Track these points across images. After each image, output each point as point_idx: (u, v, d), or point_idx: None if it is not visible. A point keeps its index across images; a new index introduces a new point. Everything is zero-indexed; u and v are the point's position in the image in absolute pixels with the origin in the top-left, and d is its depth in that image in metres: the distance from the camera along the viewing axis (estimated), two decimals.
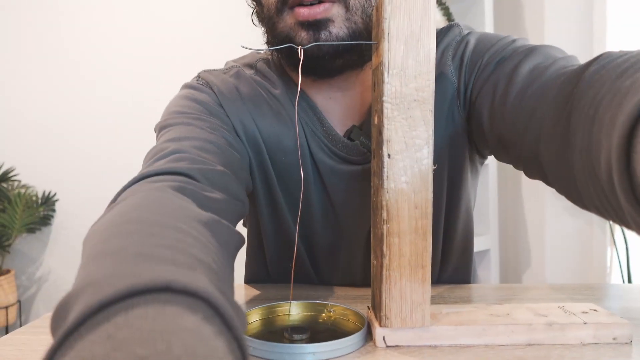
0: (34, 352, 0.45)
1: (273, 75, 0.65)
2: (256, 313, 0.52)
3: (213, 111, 0.60)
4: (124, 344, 0.18)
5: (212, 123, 0.58)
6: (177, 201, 0.38)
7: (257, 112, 0.63)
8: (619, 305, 0.58)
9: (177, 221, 0.33)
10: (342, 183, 0.64)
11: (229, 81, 0.64)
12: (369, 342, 0.46)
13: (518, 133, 0.51)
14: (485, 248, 1.87)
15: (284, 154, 0.63)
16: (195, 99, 0.61)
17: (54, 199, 2.31)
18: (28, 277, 2.38)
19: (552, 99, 0.46)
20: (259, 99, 0.63)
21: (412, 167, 0.43)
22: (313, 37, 0.53)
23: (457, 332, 0.45)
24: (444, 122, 0.62)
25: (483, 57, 0.59)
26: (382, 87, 0.43)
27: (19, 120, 2.32)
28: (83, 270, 0.27)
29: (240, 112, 0.62)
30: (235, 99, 0.62)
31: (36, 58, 2.29)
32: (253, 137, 0.63)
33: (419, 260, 0.44)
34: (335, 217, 0.66)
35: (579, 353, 0.43)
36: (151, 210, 0.34)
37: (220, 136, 0.57)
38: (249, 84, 0.64)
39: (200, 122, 0.57)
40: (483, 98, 0.57)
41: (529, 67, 0.52)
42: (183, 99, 0.62)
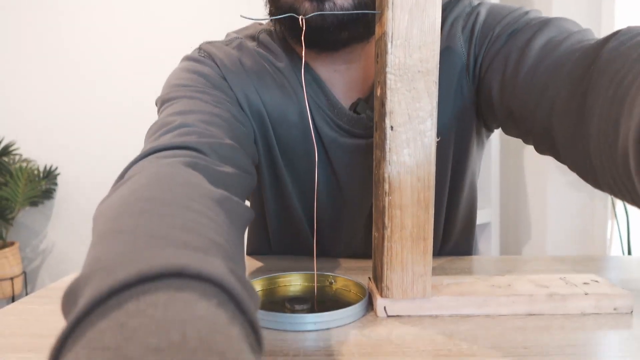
0: (37, 321, 0.45)
1: (276, 47, 0.63)
2: (258, 284, 0.52)
3: (216, 84, 0.59)
4: (136, 333, 0.18)
5: (216, 96, 0.57)
6: (189, 178, 0.37)
7: (260, 85, 0.61)
8: (619, 277, 0.58)
9: (190, 200, 0.32)
10: (347, 157, 0.63)
11: (232, 53, 0.62)
12: (370, 312, 0.46)
13: (529, 108, 0.50)
14: (486, 221, 1.88)
15: (288, 128, 0.62)
16: (197, 72, 0.59)
17: (56, 173, 2.31)
18: (32, 249, 2.40)
19: (567, 75, 0.45)
20: (263, 71, 0.62)
21: (415, 140, 0.43)
22: (317, 8, 0.51)
23: (458, 302, 0.45)
24: (453, 95, 0.61)
25: (494, 29, 0.57)
26: (386, 58, 0.42)
27: (18, 94, 2.31)
28: (94, 250, 0.26)
29: (244, 84, 0.61)
30: (239, 72, 0.61)
31: (37, 31, 2.26)
32: (257, 110, 0.62)
33: (421, 232, 0.44)
34: (339, 191, 0.66)
35: (580, 323, 0.43)
36: (163, 188, 0.33)
37: (225, 109, 0.56)
38: (251, 56, 0.62)
39: (204, 95, 0.56)
40: (494, 71, 0.56)
41: (542, 40, 0.51)
42: (185, 71, 0.60)
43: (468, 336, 0.40)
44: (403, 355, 0.37)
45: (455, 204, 0.68)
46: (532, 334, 0.41)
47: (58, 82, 2.28)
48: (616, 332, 0.41)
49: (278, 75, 0.62)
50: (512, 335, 0.41)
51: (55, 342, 0.19)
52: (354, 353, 0.37)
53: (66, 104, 2.29)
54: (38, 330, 0.43)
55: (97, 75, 2.26)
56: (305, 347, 0.39)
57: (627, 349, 0.38)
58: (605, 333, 0.41)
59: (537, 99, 0.49)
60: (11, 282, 2.15)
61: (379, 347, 0.38)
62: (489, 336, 0.40)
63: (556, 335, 0.40)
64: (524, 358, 0.36)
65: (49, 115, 2.30)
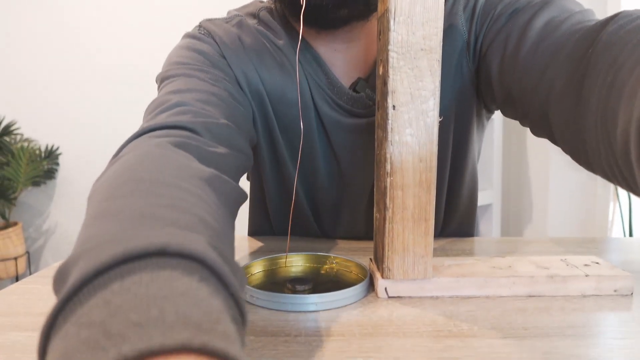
0: (41, 300, 0.46)
1: (276, 25, 0.62)
2: (259, 264, 0.52)
3: (215, 62, 0.58)
4: (119, 310, 0.19)
5: (214, 75, 0.56)
6: (178, 158, 0.37)
7: (260, 63, 0.61)
8: (620, 258, 0.58)
9: (178, 179, 0.32)
10: (347, 136, 0.63)
11: (232, 31, 0.62)
12: (371, 293, 0.46)
13: (527, 89, 0.49)
14: (487, 202, 1.88)
15: (288, 107, 0.62)
16: (196, 49, 0.59)
17: (57, 153, 2.31)
18: (35, 229, 2.41)
19: (566, 57, 0.44)
20: (262, 49, 0.61)
21: (418, 120, 0.42)
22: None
23: (458, 283, 0.45)
24: (453, 74, 0.60)
25: (496, 8, 0.56)
26: (388, 36, 0.41)
27: (18, 74, 2.29)
28: (84, 232, 0.27)
29: (243, 63, 0.60)
30: (238, 50, 0.60)
31: (36, 10, 2.23)
32: (256, 89, 0.61)
33: (422, 213, 0.44)
34: (339, 172, 0.66)
35: (580, 304, 0.43)
36: (152, 168, 0.33)
37: (223, 88, 0.55)
38: (251, 34, 0.62)
39: (203, 73, 0.55)
40: (494, 51, 0.55)
41: (543, 20, 0.50)
42: (184, 49, 0.60)
43: (468, 317, 0.40)
44: (404, 335, 0.37)
45: (456, 185, 0.68)
46: (532, 315, 0.41)
47: (58, 61, 2.26)
48: (616, 313, 0.41)
49: (278, 53, 0.61)
50: (512, 316, 0.41)
51: (47, 320, 0.20)
52: (355, 334, 0.38)
53: (67, 83, 2.27)
54: (41, 309, 0.44)
55: (98, 55, 2.24)
56: (307, 328, 0.39)
57: (627, 330, 0.38)
58: (605, 314, 0.41)
59: (536, 80, 0.48)
60: (15, 262, 2.17)
61: (379, 327, 0.39)
62: (489, 317, 0.40)
63: (556, 316, 0.41)
64: (524, 339, 0.36)
65: (49, 94, 2.29)
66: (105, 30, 2.23)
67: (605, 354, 0.34)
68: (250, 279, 0.50)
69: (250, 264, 0.51)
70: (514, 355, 0.34)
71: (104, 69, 2.25)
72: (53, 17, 2.23)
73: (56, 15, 2.23)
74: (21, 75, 2.29)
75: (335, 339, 0.37)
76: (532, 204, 1.95)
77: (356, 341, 0.36)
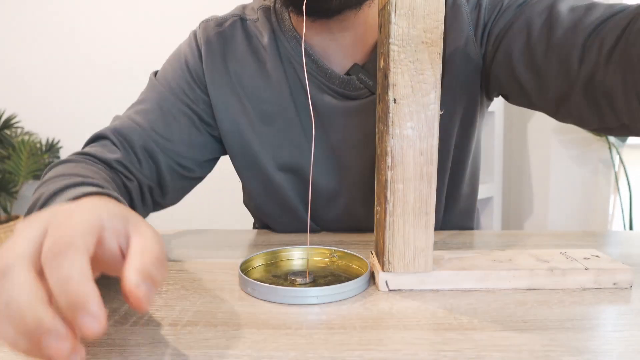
0: None
1: (272, 19, 0.66)
2: (260, 258, 0.53)
3: (191, 79, 0.66)
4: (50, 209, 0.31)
5: (181, 105, 0.66)
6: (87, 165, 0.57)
7: (240, 66, 0.66)
8: (620, 252, 0.58)
9: (90, 171, 0.54)
10: (341, 119, 0.65)
11: (223, 34, 0.67)
12: (372, 286, 0.46)
13: (568, 63, 0.51)
14: (488, 196, 1.88)
15: (270, 104, 0.65)
16: (183, 67, 0.67)
17: (58, 146, 2.31)
18: None
19: (611, 29, 0.48)
20: (246, 51, 0.66)
21: (419, 113, 0.42)
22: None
23: (459, 277, 0.45)
24: (460, 67, 0.61)
25: (503, 1, 0.59)
26: (389, 28, 0.41)
27: (19, 67, 2.29)
28: (39, 190, 0.50)
29: (220, 73, 0.66)
30: (219, 59, 0.66)
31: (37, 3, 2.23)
32: (237, 97, 0.66)
33: (423, 206, 0.44)
34: (335, 158, 0.66)
35: (579, 297, 0.43)
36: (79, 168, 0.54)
37: (176, 121, 0.65)
38: (241, 35, 0.67)
39: (171, 103, 0.65)
40: (515, 37, 0.56)
41: (566, 6, 0.53)
42: (176, 60, 0.68)
43: (468, 310, 0.41)
44: (404, 328, 0.37)
45: (458, 177, 0.68)
46: (532, 307, 0.41)
47: (59, 54, 2.26)
48: (615, 306, 0.41)
49: (262, 52, 0.66)
50: (512, 309, 0.41)
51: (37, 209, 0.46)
52: (356, 327, 0.38)
53: (67, 76, 2.27)
54: None
55: (99, 48, 2.23)
56: (308, 321, 0.39)
57: (626, 322, 0.38)
58: (604, 307, 0.41)
59: (579, 52, 0.50)
60: None
61: (380, 320, 0.39)
62: (489, 310, 0.41)
63: (555, 309, 0.41)
64: (524, 332, 0.37)
65: (49, 88, 2.28)
66: (105, 24, 2.22)
67: (604, 346, 0.34)
68: (251, 272, 0.50)
69: (251, 258, 0.51)
70: (514, 348, 0.34)
71: (105, 62, 2.24)
72: (53, 10, 2.22)
73: (56, 9, 2.22)
74: (21, 68, 2.29)
75: (336, 331, 0.37)
76: (532, 197, 1.95)
77: (357, 334, 0.36)
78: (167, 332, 0.37)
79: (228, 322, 0.39)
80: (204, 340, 0.36)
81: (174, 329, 0.38)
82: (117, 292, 0.46)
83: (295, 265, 0.53)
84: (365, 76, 0.62)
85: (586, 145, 1.76)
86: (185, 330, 0.37)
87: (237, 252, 0.60)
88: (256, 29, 0.67)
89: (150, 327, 0.38)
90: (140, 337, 0.36)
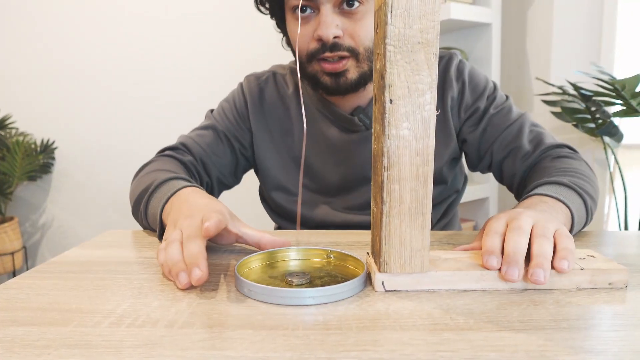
0: (38, 295, 0.46)
1: (296, 77, 0.90)
2: (257, 259, 0.52)
3: (238, 117, 0.89)
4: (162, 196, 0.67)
5: (228, 133, 0.88)
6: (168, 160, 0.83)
7: (271, 110, 0.90)
8: (615, 252, 0.58)
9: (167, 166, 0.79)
10: (345, 146, 0.85)
11: (260, 87, 0.91)
12: (368, 286, 0.46)
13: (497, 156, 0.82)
14: (484, 196, 1.88)
15: (292, 135, 0.89)
16: (232, 107, 0.90)
17: (53, 147, 2.30)
18: (32, 224, 2.41)
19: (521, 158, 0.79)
20: (276, 99, 0.90)
21: (415, 113, 0.42)
22: (335, 82, 0.77)
23: (455, 277, 0.45)
24: (447, 126, 0.84)
25: (477, 101, 0.83)
26: (385, 29, 0.41)
27: (14, 67, 2.28)
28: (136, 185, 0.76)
29: (258, 113, 0.89)
30: (257, 104, 0.89)
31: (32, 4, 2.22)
32: (264, 129, 0.89)
33: (419, 207, 0.44)
34: (338, 173, 0.87)
35: (575, 297, 0.43)
36: (164, 167, 0.79)
37: (223, 144, 0.88)
38: (273, 88, 0.90)
39: (221, 131, 0.88)
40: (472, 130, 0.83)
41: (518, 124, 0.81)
42: (227, 102, 0.91)
43: (464, 310, 0.41)
44: (400, 329, 0.37)
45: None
46: (528, 308, 0.41)
47: (54, 54, 2.25)
48: (610, 306, 0.42)
49: (287, 99, 0.89)
50: (508, 309, 0.41)
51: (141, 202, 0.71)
52: (352, 327, 0.38)
53: (62, 76, 2.26)
54: (39, 304, 0.44)
55: (94, 49, 2.23)
56: (304, 322, 0.39)
57: (621, 322, 0.38)
58: (599, 307, 0.41)
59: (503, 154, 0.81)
60: (12, 257, 2.17)
61: (377, 321, 0.39)
62: (485, 310, 0.41)
63: (551, 309, 0.41)
64: (520, 332, 0.37)
65: (45, 88, 2.27)
66: (100, 25, 2.21)
67: (600, 345, 0.34)
68: (248, 272, 0.50)
69: (248, 258, 0.51)
70: (510, 348, 0.34)
71: (100, 63, 2.23)
72: (48, 11, 2.22)
73: (51, 10, 2.21)
74: (16, 68, 2.28)
75: (332, 332, 0.37)
76: None
77: (353, 335, 0.36)
78: (163, 333, 0.37)
79: (224, 323, 0.39)
80: (200, 342, 0.35)
81: (170, 330, 0.38)
82: (112, 293, 0.46)
83: (292, 266, 0.53)
84: (365, 116, 0.83)
85: (581, 146, 1.76)
86: (181, 332, 0.37)
87: (233, 253, 0.59)
88: (284, 81, 0.91)
89: (145, 329, 0.38)
90: (136, 338, 0.36)
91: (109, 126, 2.27)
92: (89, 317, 0.40)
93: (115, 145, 2.27)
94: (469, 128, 0.84)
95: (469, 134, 0.84)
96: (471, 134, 0.83)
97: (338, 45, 0.74)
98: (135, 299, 0.44)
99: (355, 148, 0.85)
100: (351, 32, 0.75)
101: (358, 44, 0.75)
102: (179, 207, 0.59)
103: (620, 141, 1.67)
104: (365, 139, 0.84)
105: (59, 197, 2.37)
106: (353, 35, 0.75)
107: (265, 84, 0.91)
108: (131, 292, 0.46)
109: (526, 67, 1.89)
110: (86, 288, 0.48)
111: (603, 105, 1.57)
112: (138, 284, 0.48)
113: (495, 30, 1.79)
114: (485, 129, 0.82)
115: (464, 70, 0.84)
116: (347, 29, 0.74)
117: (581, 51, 1.74)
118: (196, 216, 0.53)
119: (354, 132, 0.85)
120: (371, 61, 0.77)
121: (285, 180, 0.89)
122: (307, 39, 0.77)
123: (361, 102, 0.84)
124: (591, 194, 0.67)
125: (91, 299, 0.45)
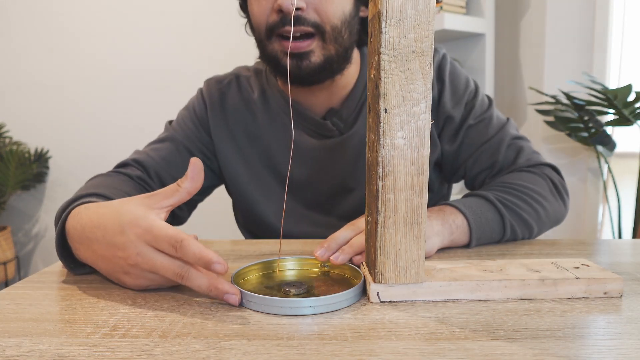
0: (31, 306, 0.45)
1: (262, 78, 0.84)
2: (253, 268, 0.52)
3: (199, 124, 0.83)
4: (80, 214, 0.52)
5: (188, 142, 0.82)
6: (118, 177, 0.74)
7: (236, 119, 0.83)
8: (610, 260, 0.59)
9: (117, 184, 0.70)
10: (317, 154, 0.79)
11: (221, 91, 0.84)
12: (364, 296, 0.46)
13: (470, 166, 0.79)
14: None
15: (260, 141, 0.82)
16: (192, 114, 0.84)
17: (47, 156, 2.29)
18: (25, 233, 2.39)
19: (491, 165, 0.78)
20: (239, 103, 0.83)
21: (409, 122, 0.42)
22: (296, 65, 0.69)
23: (450, 287, 0.45)
24: None
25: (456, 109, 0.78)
26: (379, 38, 0.41)
27: (8, 75, 2.27)
28: (77, 193, 0.63)
29: (219, 119, 0.83)
30: (218, 110, 0.83)
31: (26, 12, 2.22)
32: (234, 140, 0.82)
33: (414, 217, 0.44)
34: (309, 184, 0.80)
35: (570, 306, 0.43)
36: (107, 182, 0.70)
37: (182, 156, 0.81)
38: (235, 92, 0.84)
39: (179, 141, 0.81)
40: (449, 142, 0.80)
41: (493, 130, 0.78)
42: (186, 110, 0.85)
43: (460, 319, 0.41)
44: (396, 338, 0.37)
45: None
46: (523, 317, 0.41)
47: (48, 63, 2.24)
48: (605, 315, 0.42)
49: (251, 104, 0.82)
50: (504, 318, 0.41)
51: (62, 215, 0.55)
52: (348, 337, 0.38)
53: (56, 86, 2.25)
54: (31, 315, 0.43)
55: (87, 58, 2.23)
56: (300, 331, 0.39)
57: (616, 331, 0.38)
58: (594, 316, 0.41)
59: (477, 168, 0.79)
60: (4, 267, 2.15)
61: (372, 330, 0.39)
62: (480, 319, 0.41)
63: (546, 318, 0.41)
64: (515, 341, 0.36)
65: (39, 97, 2.27)
66: (94, 34, 2.21)
67: (595, 354, 0.34)
68: (243, 282, 0.50)
69: (244, 269, 0.51)
70: (505, 357, 0.34)
71: (93, 72, 2.23)
72: (42, 21, 2.22)
73: (45, 20, 2.22)
74: (10, 77, 2.27)
75: (328, 342, 0.37)
76: None
77: (349, 344, 0.36)
78: (157, 343, 0.37)
79: (219, 333, 0.38)
80: (195, 352, 0.35)
81: (164, 341, 0.37)
82: (105, 304, 0.46)
83: (288, 276, 0.52)
84: (338, 119, 0.78)
85: (575, 155, 1.78)
86: (175, 342, 0.37)
87: (228, 262, 0.59)
88: (248, 85, 0.84)
89: (139, 339, 0.38)
90: (130, 349, 0.36)
91: (103, 136, 2.26)
92: (82, 327, 0.40)
93: (110, 154, 2.26)
94: (444, 139, 0.79)
95: (444, 145, 0.80)
96: (446, 146, 0.79)
97: (301, 19, 0.67)
98: (129, 309, 0.44)
99: (329, 155, 0.78)
100: (316, 5, 0.67)
101: (324, 20, 0.68)
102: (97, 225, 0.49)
103: (613, 150, 1.69)
104: (341, 145, 0.78)
105: (52, 207, 2.35)
106: (318, 9, 0.67)
107: (227, 88, 0.84)
108: (125, 302, 0.46)
109: (519, 77, 1.91)
110: (79, 298, 0.47)
111: (596, 114, 1.59)
112: (132, 294, 0.48)
113: (489, 40, 1.81)
114: (462, 142, 0.78)
115: (445, 70, 0.79)
116: (311, 1, 0.67)
117: (574, 61, 1.75)
118: (142, 225, 0.45)
119: (327, 138, 0.78)
120: (339, 44, 0.70)
121: (259, 192, 0.82)
122: (266, 12, 0.69)
123: (333, 104, 0.78)
124: (519, 211, 0.66)
125: (84, 309, 0.44)
